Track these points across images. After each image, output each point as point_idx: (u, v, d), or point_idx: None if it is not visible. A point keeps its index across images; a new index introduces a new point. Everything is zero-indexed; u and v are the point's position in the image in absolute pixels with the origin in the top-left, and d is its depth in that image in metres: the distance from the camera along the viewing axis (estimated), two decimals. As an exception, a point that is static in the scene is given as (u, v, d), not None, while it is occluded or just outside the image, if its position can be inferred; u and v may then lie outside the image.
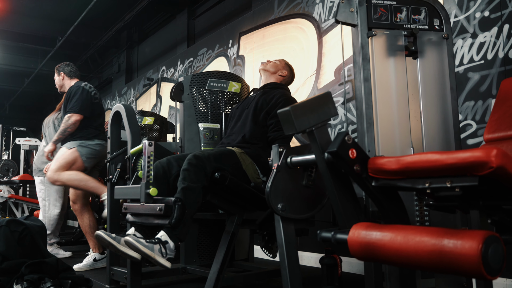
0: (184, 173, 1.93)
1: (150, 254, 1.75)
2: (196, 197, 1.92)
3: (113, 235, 1.86)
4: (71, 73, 3.76)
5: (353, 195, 1.38)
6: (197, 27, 6.09)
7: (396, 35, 1.72)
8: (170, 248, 1.81)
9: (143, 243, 1.77)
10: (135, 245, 1.76)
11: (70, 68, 3.78)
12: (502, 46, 2.40)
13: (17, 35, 7.68)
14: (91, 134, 3.39)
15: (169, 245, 1.81)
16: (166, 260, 1.79)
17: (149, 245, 1.77)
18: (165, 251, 1.79)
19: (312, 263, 3.33)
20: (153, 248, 1.77)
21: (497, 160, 0.95)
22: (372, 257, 1.13)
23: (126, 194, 2.13)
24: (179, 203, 1.81)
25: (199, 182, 1.93)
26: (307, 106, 1.37)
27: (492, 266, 0.90)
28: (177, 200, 1.82)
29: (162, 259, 1.78)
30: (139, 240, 1.77)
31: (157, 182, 1.97)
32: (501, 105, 1.73)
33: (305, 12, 3.83)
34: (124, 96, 7.54)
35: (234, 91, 2.89)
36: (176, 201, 1.81)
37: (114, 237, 1.86)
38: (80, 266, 3.30)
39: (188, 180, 1.91)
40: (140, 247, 1.75)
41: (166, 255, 1.79)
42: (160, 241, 1.80)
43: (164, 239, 1.81)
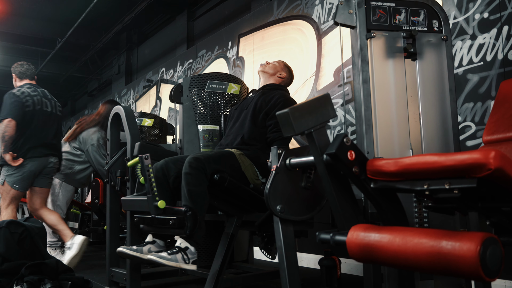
0: (186, 177, 1.95)
1: (175, 265, 1.85)
2: (203, 199, 1.96)
3: (134, 248, 1.97)
4: (21, 74, 3.61)
5: (351, 196, 1.38)
6: (196, 28, 6.10)
7: (395, 36, 1.73)
8: (191, 252, 1.90)
9: (165, 257, 1.85)
10: (159, 262, 1.86)
11: (20, 69, 3.63)
12: (501, 48, 2.40)
13: (16, 36, 7.68)
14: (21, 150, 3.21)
15: (190, 250, 1.90)
16: (191, 264, 1.89)
17: (172, 256, 1.86)
18: (187, 257, 1.88)
19: (311, 265, 3.33)
20: (176, 259, 1.86)
21: (496, 162, 0.95)
22: (370, 259, 1.13)
23: (134, 206, 2.18)
24: (189, 213, 1.86)
25: (203, 184, 1.96)
26: (306, 108, 1.37)
27: (490, 268, 0.90)
28: (187, 210, 1.86)
29: (188, 265, 1.88)
30: (160, 255, 1.85)
31: (158, 184, 1.98)
32: (500, 107, 1.73)
33: (304, 13, 3.83)
34: (123, 98, 7.55)
35: (233, 92, 2.89)
36: (186, 211, 1.85)
37: (136, 249, 1.97)
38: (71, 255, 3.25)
39: (192, 184, 1.94)
40: (165, 262, 1.84)
41: (189, 260, 1.88)
42: (180, 249, 1.89)
43: (184, 245, 1.90)
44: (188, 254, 1.88)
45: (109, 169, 2.69)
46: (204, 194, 1.96)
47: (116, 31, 6.67)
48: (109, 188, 2.70)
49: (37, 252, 2.45)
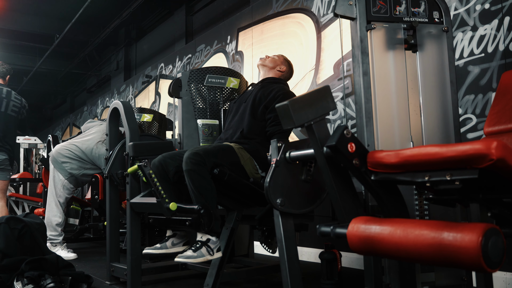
0: (190, 174, 1.95)
1: (203, 260, 1.88)
2: (211, 192, 1.98)
3: (158, 246, 2.06)
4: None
5: (352, 189, 1.38)
6: (195, 23, 6.07)
7: (395, 28, 1.71)
8: (213, 242, 1.93)
9: (192, 256, 1.87)
10: (187, 262, 2.00)
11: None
12: (502, 39, 2.39)
13: (14, 33, 7.65)
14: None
15: (212, 240, 1.92)
16: (217, 253, 1.92)
17: (198, 253, 1.88)
18: (211, 248, 1.90)
19: (312, 258, 3.33)
20: (202, 253, 1.88)
21: (498, 152, 0.94)
22: (371, 251, 1.13)
23: (145, 208, 2.22)
24: (202, 210, 1.88)
25: (207, 177, 1.98)
26: (306, 100, 1.36)
27: (492, 259, 0.89)
28: (200, 208, 1.88)
29: (214, 256, 1.92)
30: (187, 256, 1.88)
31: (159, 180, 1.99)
32: (501, 98, 1.72)
33: (304, 6, 3.81)
34: (122, 94, 7.53)
35: (233, 87, 2.88)
36: (199, 209, 1.88)
37: (160, 247, 2.05)
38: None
39: (196, 180, 1.95)
40: (193, 261, 1.87)
41: (213, 251, 1.91)
42: (203, 242, 1.91)
43: (205, 238, 1.92)
44: (211, 245, 1.91)
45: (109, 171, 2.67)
46: (210, 187, 1.98)
47: (114, 26, 6.64)
48: (108, 184, 2.69)
49: (37, 247, 2.45)
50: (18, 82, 9.69)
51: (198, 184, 1.94)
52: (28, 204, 6.27)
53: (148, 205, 2.14)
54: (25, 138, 7.87)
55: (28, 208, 6.29)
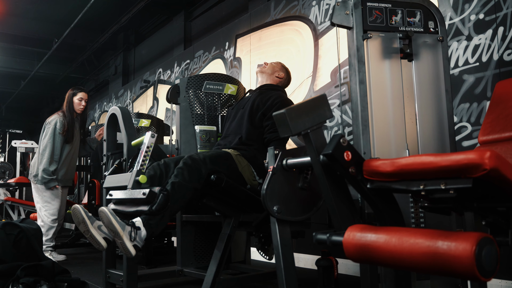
0: (178, 171, 1.93)
1: (119, 231, 1.71)
2: (183, 194, 1.90)
3: (89, 214, 1.81)
4: None
5: (348, 197, 1.39)
6: (193, 29, 6.10)
7: (391, 37, 1.73)
8: (140, 236, 1.76)
9: (117, 219, 1.72)
10: (108, 216, 1.71)
11: None
12: (496, 49, 2.41)
13: (13, 37, 7.66)
14: None
15: (140, 233, 1.76)
16: (132, 247, 1.74)
17: (122, 223, 1.73)
18: (134, 236, 1.74)
19: (309, 265, 3.33)
20: (125, 228, 1.72)
21: (491, 162, 0.96)
22: (367, 259, 1.14)
23: (116, 181, 2.11)
24: (164, 193, 1.80)
25: (190, 183, 1.92)
26: (303, 109, 1.37)
27: (486, 268, 0.90)
28: (163, 190, 1.80)
29: (129, 243, 1.73)
30: (114, 215, 1.72)
31: (151, 183, 1.97)
32: (495, 107, 1.74)
33: (302, 14, 3.84)
34: (120, 98, 7.53)
35: (231, 93, 2.89)
36: (162, 190, 1.80)
37: (90, 216, 1.81)
38: None
39: (180, 177, 1.91)
40: (113, 221, 1.70)
41: (134, 240, 1.74)
42: (133, 225, 1.76)
43: (138, 225, 1.77)
44: (136, 235, 1.75)
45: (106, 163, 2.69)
46: (186, 190, 1.91)
47: (113, 31, 6.66)
48: (105, 189, 2.69)
49: (33, 253, 2.44)
50: (16, 86, 9.68)
51: (179, 180, 1.90)
52: (24, 209, 6.24)
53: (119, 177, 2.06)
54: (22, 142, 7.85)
55: (24, 212, 6.27)
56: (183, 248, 2.71)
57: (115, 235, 1.73)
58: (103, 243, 1.78)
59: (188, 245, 2.73)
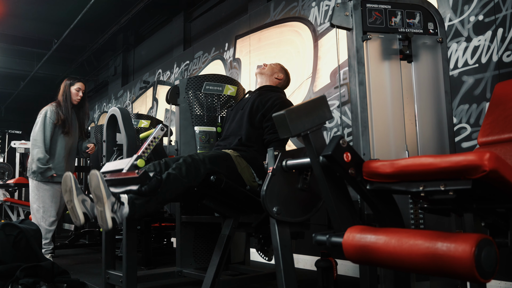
0: (176, 165, 1.94)
1: (104, 198, 1.70)
2: (176, 187, 1.90)
3: (79, 186, 1.81)
4: None
5: (348, 198, 1.39)
6: (193, 30, 6.10)
7: (390, 38, 1.73)
8: (121, 212, 1.75)
9: (105, 185, 1.71)
10: (98, 179, 1.70)
11: None
12: (496, 50, 2.42)
13: (12, 37, 7.66)
14: None
15: (123, 208, 1.76)
16: (111, 218, 1.72)
17: (109, 191, 1.72)
18: (117, 208, 1.73)
19: (308, 266, 3.33)
20: (109, 197, 1.72)
21: (490, 164, 0.96)
22: (366, 260, 1.14)
23: (114, 166, 2.11)
24: (158, 177, 1.80)
25: (186, 178, 1.92)
26: (302, 110, 1.38)
27: (485, 269, 0.90)
28: (157, 175, 1.81)
29: (109, 213, 1.71)
30: (104, 181, 1.72)
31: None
32: (494, 109, 1.74)
33: (301, 15, 3.84)
34: (120, 99, 7.53)
35: (230, 94, 2.89)
36: (156, 175, 1.80)
37: (78, 188, 1.79)
38: None
39: (177, 171, 1.92)
40: (101, 185, 1.69)
41: (115, 212, 1.73)
42: (119, 198, 1.76)
43: (123, 200, 1.77)
44: (119, 208, 1.74)
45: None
46: (180, 184, 1.90)
47: (113, 32, 6.66)
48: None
49: (32, 254, 2.44)
50: (15, 86, 9.68)
51: (176, 173, 1.90)
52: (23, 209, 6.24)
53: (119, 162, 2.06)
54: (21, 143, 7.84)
55: (23, 213, 6.26)
56: (182, 249, 2.70)
57: (98, 201, 1.72)
58: (81, 218, 1.76)
59: (188, 246, 2.73)
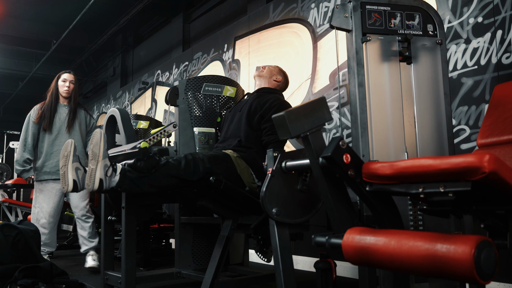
0: (177, 158, 1.98)
1: (99, 156, 1.72)
2: (172, 175, 1.92)
3: (77, 154, 1.83)
4: None
5: (347, 199, 1.39)
6: (192, 31, 6.10)
7: (390, 40, 1.74)
8: (111, 178, 1.78)
9: (105, 145, 1.74)
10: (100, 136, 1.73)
11: None
12: (495, 52, 2.42)
13: (11, 38, 7.65)
14: None
15: (113, 175, 1.78)
16: (99, 179, 1.74)
17: (106, 153, 1.74)
18: (109, 172, 1.76)
19: (307, 267, 3.33)
20: (105, 158, 1.74)
21: (490, 166, 0.96)
22: (366, 262, 1.14)
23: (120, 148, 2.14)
24: (156, 158, 1.83)
25: (182, 171, 1.94)
26: (302, 111, 1.38)
27: (485, 271, 0.90)
28: (155, 156, 1.83)
29: (99, 173, 1.74)
30: (105, 141, 1.75)
31: None
32: (494, 111, 1.75)
33: (300, 17, 3.85)
34: (119, 100, 7.53)
35: (229, 95, 2.89)
36: (155, 155, 1.83)
37: (76, 155, 1.81)
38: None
39: (176, 162, 1.95)
40: (101, 143, 1.73)
41: (106, 175, 1.75)
42: (113, 165, 1.78)
43: (117, 169, 1.79)
44: (111, 173, 1.76)
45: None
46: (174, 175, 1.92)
47: (112, 33, 6.66)
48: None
49: (31, 255, 2.44)
50: (14, 87, 9.67)
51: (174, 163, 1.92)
52: (21, 210, 6.23)
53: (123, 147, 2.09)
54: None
55: (21, 214, 6.25)
56: (181, 250, 2.70)
57: (92, 158, 1.74)
58: (70, 184, 1.78)
59: (187, 247, 2.72)
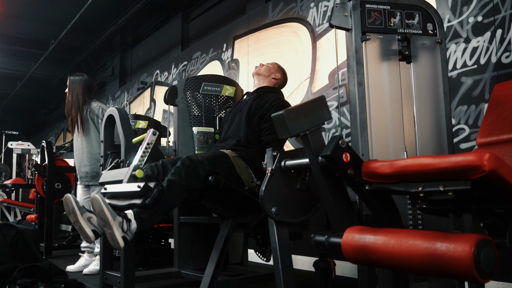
0: (175, 170, 1.93)
1: (110, 220, 1.68)
2: (178, 193, 1.89)
3: (80, 205, 1.79)
4: None
5: (347, 198, 1.39)
6: (191, 30, 6.10)
7: (389, 39, 1.73)
8: (130, 229, 1.75)
9: (108, 208, 1.70)
10: (100, 204, 1.69)
11: None
12: (495, 51, 2.42)
13: (9, 38, 7.63)
14: None
15: (131, 225, 1.75)
16: (121, 238, 1.71)
17: (113, 213, 1.70)
18: (126, 227, 1.73)
19: (306, 267, 3.33)
20: (116, 218, 1.70)
21: (490, 164, 0.96)
22: (365, 261, 1.13)
23: (113, 176, 2.10)
24: (159, 188, 1.80)
25: (186, 182, 1.92)
26: (301, 110, 1.37)
27: (485, 269, 0.90)
28: (158, 185, 1.80)
29: (118, 233, 1.70)
30: (106, 203, 1.70)
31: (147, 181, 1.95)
32: (493, 110, 1.75)
33: (300, 16, 3.84)
34: (117, 100, 7.52)
35: (228, 95, 2.89)
36: (157, 185, 1.80)
37: (80, 207, 1.78)
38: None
39: (177, 175, 1.91)
40: (104, 209, 1.68)
41: (124, 231, 1.72)
42: (125, 216, 1.75)
43: (130, 217, 1.76)
44: (127, 226, 1.73)
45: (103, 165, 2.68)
46: (181, 190, 1.90)
47: (110, 32, 6.65)
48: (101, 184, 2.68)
49: (30, 254, 2.44)
50: (12, 87, 9.65)
51: (175, 179, 1.89)
52: (20, 210, 6.22)
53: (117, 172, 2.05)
54: (18, 143, 7.82)
55: (20, 214, 6.24)
56: (180, 250, 2.70)
57: (105, 224, 1.71)
58: (91, 235, 1.76)
59: (186, 247, 2.72)
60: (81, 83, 3.46)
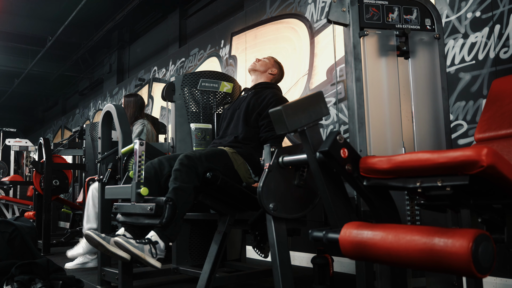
0: (175, 173, 1.93)
1: (140, 255, 1.75)
2: (187, 197, 1.92)
3: (102, 235, 1.84)
4: None
5: (344, 194, 1.38)
6: (189, 27, 6.07)
7: (388, 35, 1.73)
8: (160, 248, 1.81)
9: (133, 243, 1.76)
10: (125, 246, 1.75)
11: None
12: (493, 47, 2.42)
13: (6, 34, 7.59)
14: None
15: (159, 245, 1.81)
16: (157, 261, 1.79)
17: (139, 245, 1.76)
18: (155, 252, 1.79)
19: (304, 263, 3.33)
20: (143, 249, 1.77)
21: (488, 159, 0.95)
22: (363, 256, 1.13)
23: (117, 194, 2.11)
24: (170, 203, 1.81)
25: (190, 183, 1.93)
26: (299, 106, 1.37)
27: (482, 265, 0.90)
28: (168, 200, 1.81)
29: (152, 260, 1.77)
30: (128, 241, 1.76)
31: (148, 183, 1.96)
32: (491, 105, 1.74)
33: (297, 12, 3.83)
34: (115, 97, 7.50)
35: (226, 91, 2.88)
36: (167, 201, 1.81)
37: (104, 237, 1.84)
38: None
39: (179, 180, 1.91)
40: (130, 248, 1.75)
41: (156, 255, 1.79)
42: (150, 241, 1.80)
43: (155, 239, 1.81)
44: (156, 249, 1.79)
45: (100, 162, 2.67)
46: (189, 192, 1.93)
47: (108, 29, 6.62)
48: (100, 187, 2.67)
49: (27, 251, 2.43)
50: (9, 84, 9.62)
51: (179, 184, 1.91)
52: (18, 207, 6.21)
53: (120, 189, 2.05)
54: (15, 141, 7.80)
55: (18, 211, 6.23)
56: (178, 246, 2.70)
57: (137, 259, 1.77)
58: (126, 256, 1.82)
59: (184, 243, 2.72)
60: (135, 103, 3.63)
